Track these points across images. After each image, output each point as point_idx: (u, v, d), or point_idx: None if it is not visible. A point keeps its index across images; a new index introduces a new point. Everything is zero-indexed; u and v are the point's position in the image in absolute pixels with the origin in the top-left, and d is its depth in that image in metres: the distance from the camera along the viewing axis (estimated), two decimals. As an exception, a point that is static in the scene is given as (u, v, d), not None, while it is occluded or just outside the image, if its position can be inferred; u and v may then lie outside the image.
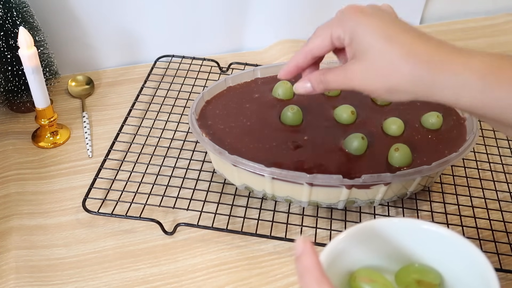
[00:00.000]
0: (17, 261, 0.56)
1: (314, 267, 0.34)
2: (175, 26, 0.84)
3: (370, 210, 0.61)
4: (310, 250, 0.35)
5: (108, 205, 0.61)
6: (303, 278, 0.34)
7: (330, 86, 0.50)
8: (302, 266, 0.34)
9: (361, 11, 0.47)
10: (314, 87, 0.52)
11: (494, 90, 0.41)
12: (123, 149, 0.68)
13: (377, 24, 0.46)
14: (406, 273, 0.41)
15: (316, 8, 0.89)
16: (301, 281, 0.34)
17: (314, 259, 0.34)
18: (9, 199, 0.63)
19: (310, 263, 0.34)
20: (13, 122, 0.74)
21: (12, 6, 0.67)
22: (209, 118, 0.63)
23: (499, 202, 0.63)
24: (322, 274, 0.34)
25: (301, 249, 0.35)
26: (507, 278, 0.56)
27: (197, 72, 0.81)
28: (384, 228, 0.41)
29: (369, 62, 0.46)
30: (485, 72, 0.41)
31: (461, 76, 0.42)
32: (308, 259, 0.34)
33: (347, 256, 0.40)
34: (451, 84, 0.43)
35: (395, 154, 0.57)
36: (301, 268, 0.35)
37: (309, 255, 0.35)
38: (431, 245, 0.41)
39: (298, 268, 0.35)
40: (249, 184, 0.59)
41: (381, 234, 0.41)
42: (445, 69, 0.43)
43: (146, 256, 0.57)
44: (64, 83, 0.80)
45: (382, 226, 0.41)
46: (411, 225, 0.41)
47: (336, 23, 0.49)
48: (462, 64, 0.42)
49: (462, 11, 1.00)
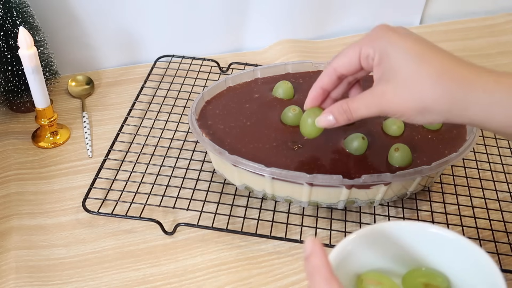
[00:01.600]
0: (17, 261, 0.56)
1: (323, 267, 0.34)
2: (175, 26, 0.84)
3: (370, 210, 0.61)
4: (319, 250, 0.35)
5: (108, 205, 0.61)
6: (313, 278, 0.34)
7: (356, 114, 0.48)
8: (311, 266, 0.34)
9: (393, 31, 0.46)
10: (337, 119, 0.49)
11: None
12: (123, 149, 0.68)
13: (410, 45, 0.45)
14: (413, 277, 0.41)
15: (316, 8, 0.90)
16: (310, 281, 0.34)
17: (323, 259, 0.34)
18: (9, 199, 0.63)
19: (319, 263, 0.34)
20: (13, 122, 0.74)
21: (12, 6, 0.67)
22: (209, 118, 0.63)
23: (499, 202, 0.63)
24: (331, 274, 0.34)
25: (310, 249, 0.35)
26: (507, 278, 0.56)
27: (197, 72, 0.81)
28: (393, 231, 0.41)
29: (400, 82, 0.45)
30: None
31: (495, 94, 0.42)
32: (317, 259, 0.34)
33: (355, 258, 0.40)
34: (484, 102, 0.42)
35: (395, 154, 0.57)
36: (310, 268, 0.34)
37: (319, 255, 0.35)
38: (439, 249, 0.41)
39: (307, 268, 0.35)
40: (249, 184, 0.59)
41: (390, 237, 0.41)
42: (478, 88, 0.42)
43: (146, 256, 0.57)
44: (64, 83, 0.80)
45: (391, 229, 0.41)
46: (419, 228, 0.41)
47: (367, 41, 0.47)
48: (495, 82, 0.42)
49: (462, 11, 1.00)
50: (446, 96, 0.43)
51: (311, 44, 0.91)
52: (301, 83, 0.68)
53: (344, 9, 0.92)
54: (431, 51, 0.45)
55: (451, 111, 0.44)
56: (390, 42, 0.46)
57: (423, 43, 0.46)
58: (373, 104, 0.47)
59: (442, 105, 0.44)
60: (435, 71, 0.43)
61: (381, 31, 0.47)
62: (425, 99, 0.44)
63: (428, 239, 0.41)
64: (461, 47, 0.91)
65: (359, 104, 0.48)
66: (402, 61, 0.45)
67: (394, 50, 0.45)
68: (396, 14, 0.96)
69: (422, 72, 0.44)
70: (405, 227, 0.41)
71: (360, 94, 0.48)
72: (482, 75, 0.43)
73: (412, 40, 0.46)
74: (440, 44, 0.47)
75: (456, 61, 0.44)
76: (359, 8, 0.93)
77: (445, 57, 0.45)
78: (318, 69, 0.70)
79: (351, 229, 0.60)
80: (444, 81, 0.43)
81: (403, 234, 0.41)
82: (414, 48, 0.45)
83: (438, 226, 0.41)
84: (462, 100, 0.43)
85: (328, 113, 0.50)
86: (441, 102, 0.43)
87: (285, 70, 0.70)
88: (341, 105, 0.49)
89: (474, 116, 0.43)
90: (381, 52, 0.46)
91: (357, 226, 0.60)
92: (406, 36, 0.46)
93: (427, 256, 0.42)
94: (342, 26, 0.94)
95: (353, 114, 0.48)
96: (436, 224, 0.60)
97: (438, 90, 0.43)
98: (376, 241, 0.41)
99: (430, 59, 0.44)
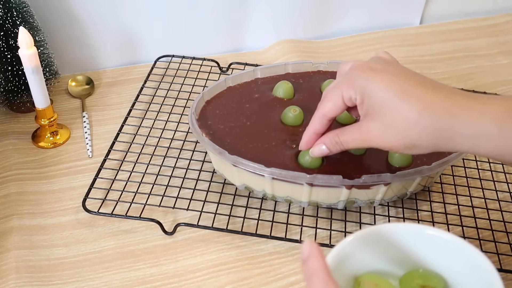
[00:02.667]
0: (17, 261, 0.56)
1: (321, 270, 0.34)
2: (175, 26, 0.84)
3: (370, 210, 0.61)
4: (317, 252, 0.35)
5: (108, 205, 0.61)
6: (310, 281, 0.34)
7: (347, 146, 0.50)
8: (309, 269, 0.34)
9: (369, 68, 0.46)
10: (330, 149, 0.52)
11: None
12: (123, 149, 0.68)
13: (390, 80, 0.45)
14: (410, 278, 0.41)
15: (316, 8, 0.90)
16: (308, 283, 0.34)
17: (321, 262, 0.34)
18: (9, 199, 0.63)
19: (317, 265, 0.34)
20: (13, 122, 0.74)
21: (12, 6, 0.67)
22: (209, 118, 0.63)
23: (499, 202, 0.63)
24: (329, 276, 0.34)
25: (308, 252, 0.35)
26: (507, 278, 0.56)
27: (197, 72, 0.81)
28: (390, 233, 0.41)
29: (384, 119, 0.45)
30: (503, 118, 0.41)
31: (479, 124, 0.41)
32: (315, 262, 0.34)
33: (353, 260, 0.40)
34: (469, 133, 0.42)
35: (395, 154, 0.57)
36: (308, 271, 0.34)
37: (316, 258, 0.34)
38: (436, 251, 0.41)
39: (305, 271, 0.35)
40: (249, 184, 0.59)
41: (387, 239, 0.41)
42: (462, 119, 0.42)
43: (146, 256, 0.57)
44: (64, 83, 0.80)
45: (389, 231, 0.41)
46: (416, 230, 0.41)
47: (345, 84, 0.48)
48: (479, 112, 0.42)
49: (462, 11, 1.00)
50: (430, 131, 0.43)
51: (311, 44, 0.91)
52: (301, 83, 0.68)
53: (344, 9, 0.92)
54: (411, 85, 0.44)
55: (437, 144, 0.44)
56: (369, 81, 0.45)
57: (402, 76, 0.45)
58: (361, 140, 0.48)
59: (428, 140, 0.44)
60: (417, 107, 0.43)
61: (358, 71, 0.47)
62: (410, 136, 0.44)
63: (426, 241, 0.41)
64: (461, 47, 0.91)
65: (348, 138, 0.49)
66: (383, 99, 0.44)
67: (374, 89, 0.45)
68: (396, 14, 0.96)
69: (404, 109, 0.43)
70: (402, 229, 0.41)
71: (350, 128, 0.49)
72: (468, 104, 0.42)
73: (391, 75, 0.45)
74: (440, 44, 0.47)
75: (438, 91, 0.44)
76: (359, 8, 0.93)
77: (427, 89, 0.44)
78: (318, 69, 0.70)
79: (351, 229, 0.60)
80: (426, 117, 0.43)
81: (400, 236, 0.41)
82: (394, 85, 0.44)
83: (436, 228, 0.41)
84: (447, 133, 0.43)
85: (321, 144, 0.52)
86: (426, 137, 0.44)
87: (285, 70, 0.70)
88: (333, 137, 0.51)
89: (460, 146, 0.43)
90: (362, 92, 0.46)
91: (357, 226, 0.60)
92: (383, 72, 0.46)
93: (424, 258, 0.42)
94: (342, 26, 0.94)
95: (344, 146, 0.50)
96: (436, 224, 0.60)
97: (421, 126, 0.43)
98: (373, 243, 0.41)
99: (411, 94, 0.44)
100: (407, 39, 0.94)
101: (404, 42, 0.93)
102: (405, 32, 0.96)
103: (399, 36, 0.94)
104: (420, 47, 0.91)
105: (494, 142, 0.41)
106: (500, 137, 0.41)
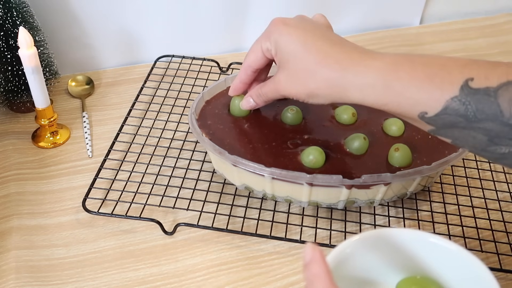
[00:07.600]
0: (17, 261, 0.56)
1: (323, 275, 0.34)
2: (175, 26, 0.84)
3: (370, 210, 0.61)
4: (319, 257, 0.34)
5: (108, 205, 0.61)
6: (312, 286, 0.34)
7: (267, 97, 0.55)
8: (311, 274, 0.34)
9: (284, 23, 0.51)
10: (256, 101, 0.57)
11: (394, 86, 0.43)
12: (123, 149, 0.68)
13: (298, 34, 0.49)
14: (407, 285, 0.41)
15: (316, 8, 0.89)
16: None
17: (323, 266, 0.34)
18: (9, 199, 0.63)
19: (319, 270, 0.34)
20: (13, 122, 0.74)
21: (12, 6, 0.67)
22: (209, 118, 0.63)
23: (499, 202, 0.63)
24: (331, 281, 0.33)
25: (310, 256, 0.35)
26: (507, 278, 0.56)
27: (197, 72, 0.81)
28: (393, 236, 0.41)
29: (290, 69, 0.50)
30: (385, 70, 0.44)
31: (366, 76, 0.45)
32: (317, 266, 0.34)
33: (352, 262, 0.40)
34: (358, 84, 0.45)
35: (395, 154, 0.57)
36: (310, 276, 0.34)
37: (318, 262, 0.34)
38: (438, 259, 0.41)
39: (307, 276, 0.34)
40: (249, 184, 0.59)
41: (389, 243, 0.41)
42: (351, 71, 0.46)
43: (146, 256, 0.57)
44: (64, 83, 0.80)
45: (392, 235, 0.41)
46: (419, 237, 0.41)
47: (264, 36, 0.53)
48: (366, 66, 0.45)
49: (462, 11, 1.00)
50: (325, 81, 0.47)
51: (311, 44, 0.91)
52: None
53: (343, 9, 0.92)
54: (314, 39, 0.49)
55: (332, 94, 0.48)
56: (281, 34, 0.50)
57: (309, 31, 0.50)
58: (275, 90, 0.53)
59: (324, 90, 0.48)
60: (315, 59, 0.48)
61: (274, 25, 0.51)
62: (310, 85, 0.48)
63: (427, 248, 0.41)
64: (461, 47, 0.91)
65: (267, 89, 0.55)
66: (290, 51, 0.49)
67: (284, 41, 0.50)
68: (396, 14, 0.96)
69: (305, 60, 0.48)
70: (405, 234, 0.41)
71: (269, 80, 0.54)
72: (360, 59, 0.46)
73: (300, 29, 0.50)
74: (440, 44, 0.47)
75: (338, 47, 0.48)
76: (358, 8, 0.93)
77: (325, 43, 0.48)
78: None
79: (351, 229, 0.60)
80: (322, 68, 0.47)
81: (402, 241, 0.41)
82: (299, 38, 0.49)
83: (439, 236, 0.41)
84: (340, 83, 0.46)
85: (249, 97, 0.58)
86: (323, 86, 0.48)
87: (285, 70, 0.70)
88: (257, 90, 0.56)
89: (353, 97, 0.46)
90: (275, 44, 0.51)
91: (357, 226, 0.60)
92: (294, 27, 0.50)
93: (424, 264, 0.41)
94: (342, 26, 0.94)
95: (266, 97, 0.56)
96: (436, 224, 0.60)
97: (318, 76, 0.47)
98: (375, 246, 0.41)
99: (311, 47, 0.48)
100: (407, 39, 0.94)
101: (404, 42, 0.93)
102: (405, 32, 0.96)
103: (399, 36, 0.94)
104: (420, 47, 0.91)
105: (379, 93, 0.44)
106: (383, 88, 0.44)
